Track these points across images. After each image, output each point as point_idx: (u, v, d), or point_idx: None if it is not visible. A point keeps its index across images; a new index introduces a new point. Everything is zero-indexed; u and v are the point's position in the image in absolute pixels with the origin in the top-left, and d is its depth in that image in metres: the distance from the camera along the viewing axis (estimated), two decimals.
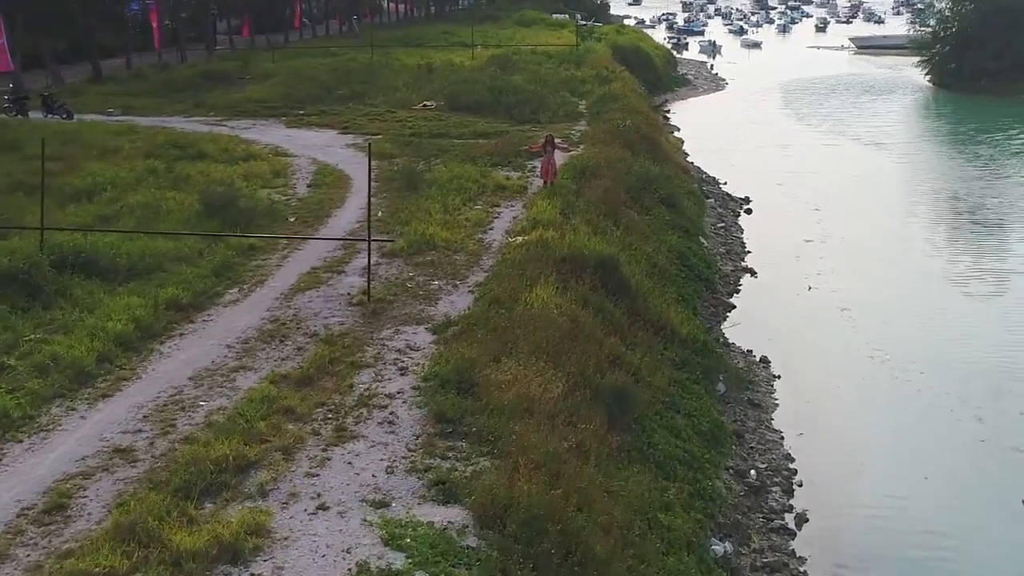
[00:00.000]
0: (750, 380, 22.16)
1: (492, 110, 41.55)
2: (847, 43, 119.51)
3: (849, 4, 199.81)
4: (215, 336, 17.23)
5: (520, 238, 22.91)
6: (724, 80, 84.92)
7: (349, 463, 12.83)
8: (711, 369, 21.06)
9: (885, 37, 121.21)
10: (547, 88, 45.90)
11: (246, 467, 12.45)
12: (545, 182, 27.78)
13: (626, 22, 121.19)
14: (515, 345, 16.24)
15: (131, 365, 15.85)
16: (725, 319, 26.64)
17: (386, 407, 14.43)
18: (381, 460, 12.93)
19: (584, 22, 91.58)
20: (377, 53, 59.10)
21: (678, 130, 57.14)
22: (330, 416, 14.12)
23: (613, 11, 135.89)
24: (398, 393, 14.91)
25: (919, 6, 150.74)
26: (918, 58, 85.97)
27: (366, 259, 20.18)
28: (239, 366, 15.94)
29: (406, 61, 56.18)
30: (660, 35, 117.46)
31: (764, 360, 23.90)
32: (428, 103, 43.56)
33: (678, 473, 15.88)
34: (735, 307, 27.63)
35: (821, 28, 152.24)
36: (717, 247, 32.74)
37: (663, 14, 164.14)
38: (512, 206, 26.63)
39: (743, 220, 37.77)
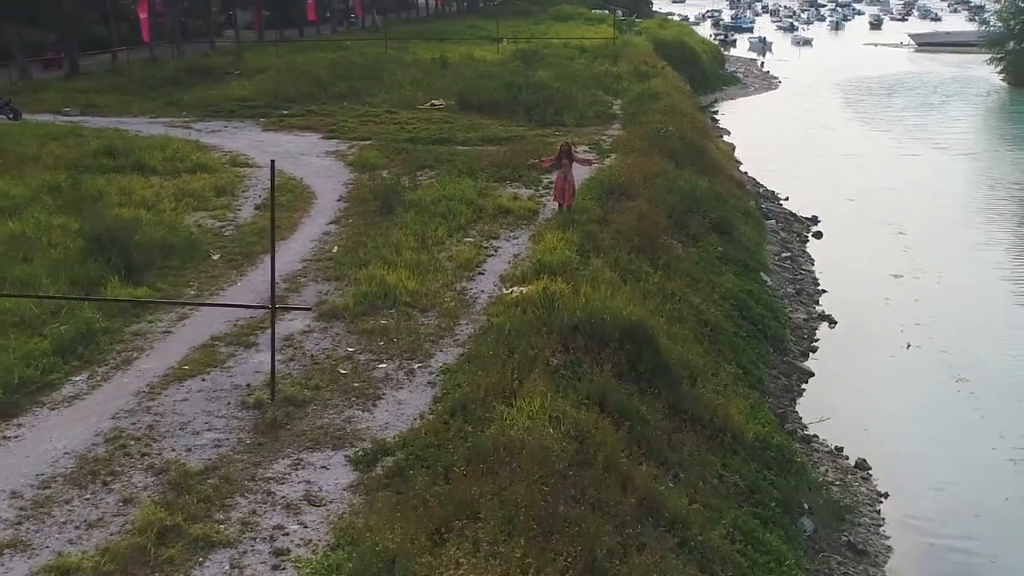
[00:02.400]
0: (848, 507, 15.18)
1: (509, 110, 35.19)
2: (907, 40, 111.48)
3: (903, 1, 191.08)
4: (3, 472, 10.75)
5: (516, 289, 16.28)
6: (776, 78, 77.92)
7: None
8: (791, 496, 14.16)
9: (948, 34, 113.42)
10: (576, 85, 39.23)
11: None
12: (560, 205, 21.13)
13: (669, 19, 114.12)
14: (476, 510, 9.60)
15: None
16: (801, 393, 19.63)
17: None
18: None
19: (624, 17, 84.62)
20: (394, 47, 52.65)
21: (728, 134, 50.19)
22: None
23: (655, 7, 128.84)
24: None
25: (976, 3, 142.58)
26: (988, 56, 78.18)
27: (292, 320, 14.24)
28: (7, 543, 9.44)
29: (421, 55, 49.64)
30: (705, 32, 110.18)
31: (861, 466, 16.83)
32: (436, 102, 37.25)
33: None
34: (812, 375, 20.53)
35: (876, 25, 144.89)
36: (784, 286, 25.66)
37: (708, 11, 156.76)
38: (515, 238, 19.98)
39: (812, 247, 30.58)
